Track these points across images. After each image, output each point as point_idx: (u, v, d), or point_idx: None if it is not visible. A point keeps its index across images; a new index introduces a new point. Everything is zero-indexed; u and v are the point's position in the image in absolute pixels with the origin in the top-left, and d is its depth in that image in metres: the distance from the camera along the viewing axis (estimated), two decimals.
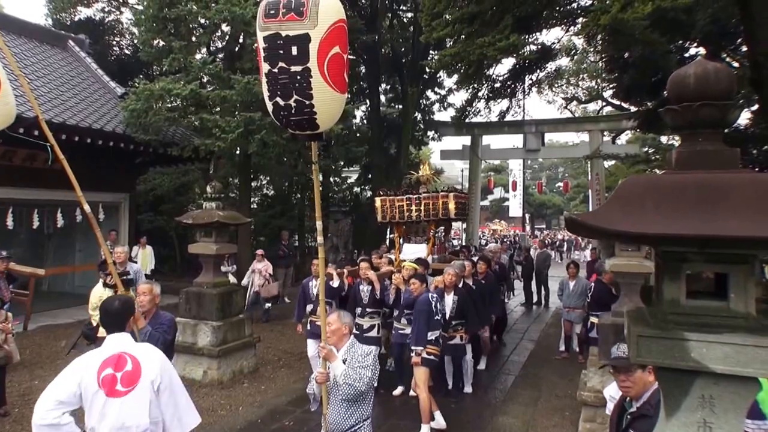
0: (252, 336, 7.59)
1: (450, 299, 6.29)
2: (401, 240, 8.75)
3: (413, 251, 8.17)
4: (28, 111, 9.34)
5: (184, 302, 7.42)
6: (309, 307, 6.72)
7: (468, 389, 6.75)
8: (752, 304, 1.84)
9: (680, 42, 10.92)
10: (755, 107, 8.52)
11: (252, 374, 7.32)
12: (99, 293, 5.86)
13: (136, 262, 8.71)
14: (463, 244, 15.85)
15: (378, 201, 8.57)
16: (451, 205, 8.03)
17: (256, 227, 16.69)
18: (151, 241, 12.00)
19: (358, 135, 17.70)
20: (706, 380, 1.84)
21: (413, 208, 8.23)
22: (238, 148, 11.31)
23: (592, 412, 5.32)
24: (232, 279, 8.94)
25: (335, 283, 6.69)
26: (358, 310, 6.54)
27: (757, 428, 2.97)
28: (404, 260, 7.31)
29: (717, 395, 1.85)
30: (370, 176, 18.91)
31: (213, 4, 10.51)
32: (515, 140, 23.98)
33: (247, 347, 7.43)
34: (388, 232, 13.65)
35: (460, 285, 6.66)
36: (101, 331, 5.78)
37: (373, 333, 6.53)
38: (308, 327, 6.72)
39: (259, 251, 11.10)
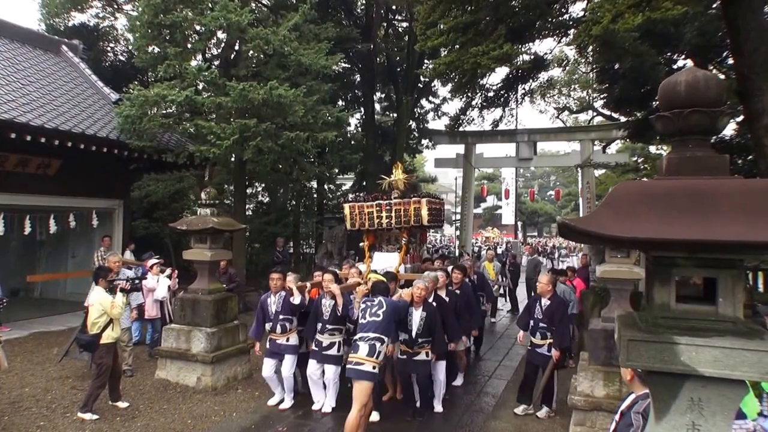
0: (246, 342, 7.57)
1: (418, 315, 5.80)
2: (373, 249, 8.07)
3: (385, 261, 7.66)
4: (20, 116, 9.32)
5: (178, 308, 7.41)
6: (268, 325, 6.35)
7: (438, 408, 6.25)
8: (740, 308, 1.88)
9: (669, 54, 11.13)
10: (740, 118, 8.68)
11: (246, 380, 7.30)
12: (102, 299, 5.81)
13: (130, 269, 8.67)
14: (443, 254, 15.41)
15: (346, 208, 7.97)
16: (424, 211, 7.42)
17: (251, 234, 16.66)
18: (146, 248, 11.95)
19: (352, 142, 17.75)
20: (694, 383, 1.88)
21: (383, 214, 7.64)
22: (233, 155, 11.30)
23: (582, 416, 5.37)
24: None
25: (296, 300, 6.17)
26: (319, 325, 6.07)
27: (738, 428, 3.05)
28: (375, 271, 6.77)
29: (705, 398, 1.89)
30: (364, 183, 18.96)
31: (208, 11, 10.54)
32: (508, 149, 24.15)
33: (242, 353, 7.41)
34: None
35: (431, 299, 6.16)
36: (105, 336, 5.78)
37: (333, 351, 6.00)
38: (267, 345, 6.39)
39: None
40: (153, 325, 8.19)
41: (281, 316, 6.22)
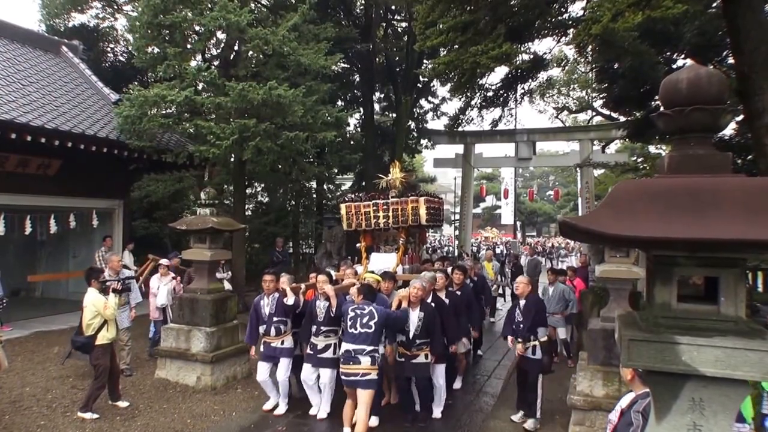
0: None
1: (415, 316, 5.62)
2: (371, 250, 7.96)
3: (382, 261, 7.48)
4: (21, 116, 9.32)
5: (177, 308, 7.42)
6: (262, 328, 6.20)
7: (437, 414, 6.05)
8: (742, 307, 1.86)
9: (668, 53, 11.11)
10: (740, 117, 8.66)
11: (245, 380, 7.30)
12: (95, 300, 5.80)
13: (129, 269, 8.67)
14: (444, 254, 15.36)
15: (343, 208, 7.87)
16: (422, 211, 7.26)
17: (251, 234, 16.66)
18: (146, 248, 11.94)
19: (352, 143, 17.75)
20: (696, 383, 1.86)
21: (380, 214, 7.50)
22: (233, 155, 11.29)
23: (582, 416, 5.36)
24: (227, 285, 8.90)
25: (289, 300, 6.04)
26: (313, 328, 5.86)
27: (736, 431, 3.05)
28: (373, 272, 6.63)
29: (707, 398, 1.87)
30: (364, 183, 18.98)
31: (208, 11, 10.53)
32: (507, 149, 24.19)
33: (241, 353, 7.39)
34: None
35: (429, 299, 6.04)
36: (100, 338, 5.77)
37: (329, 354, 5.78)
38: (261, 349, 6.21)
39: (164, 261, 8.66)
40: (155, 325, 8.20)
41: (275, 318, 6.09)
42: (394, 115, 20.00)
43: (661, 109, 2.02)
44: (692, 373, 1.83)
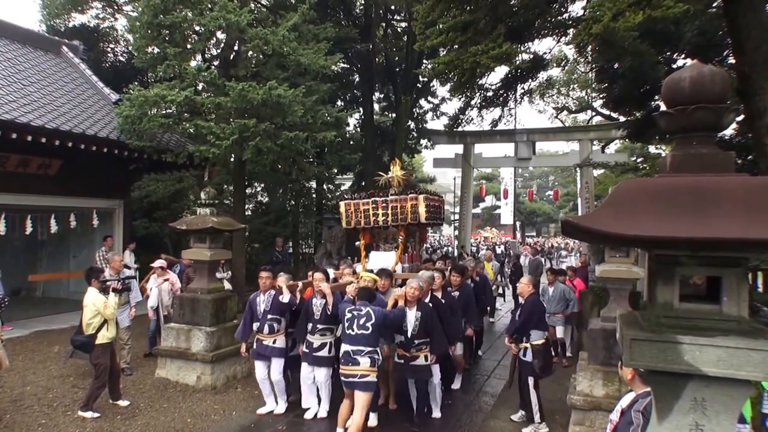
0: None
1: (412, 315, 5.55)
2: (370, 248, 7.93)
3: (382, 260, 7.43)
4: (21, 116, 9.32)
5: (177, 308, 7.41)
6: (255, 325, 6.12)
7: (437, 414, 6.03)
8: (745, 307, 1.86)
9: (668, 53, 11.10)
10: (741, 117, 8.66)
11: (245, 379, 7.29)
12: (95, 300, 5.80)
13: (130, 268, 8.67)
14: (444, 254, 15.34)
15: (342, 205, 7.84)
16: (421, 209, 7.23)
17: (251, 234, 16.65)
18: (147, 248, 11.96)
19: (351, 143, 17.75)
20: (698, 383, 1.86)
21: (379, 212, 7.47)
22: (233, 155, 11.29)
23: (582, 416, 5.35)
24: (227, 285, 8.90)
25: (285, 298, 5.96)
26: (309, 326, 5.83)
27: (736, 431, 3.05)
28: (371, 271, 6.58)
29: (709, 398, 1.87)
30: (363, 183, 18.97)
31: (208, 11, 10.53)
32: (507, 149, 24.19)
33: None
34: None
35: (427, 299, 5.97)
36: (99, 337, 5.77)
37: (324, 352, 5.78)
38: (254, 347, 6.16)
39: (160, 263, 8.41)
40: (152, 324, 8.22)
41: (269, 316, 6.02)
42: (394, 115, 20.00)
43: (663, 107, 2.01)
44: (694, 373, 1.82)
